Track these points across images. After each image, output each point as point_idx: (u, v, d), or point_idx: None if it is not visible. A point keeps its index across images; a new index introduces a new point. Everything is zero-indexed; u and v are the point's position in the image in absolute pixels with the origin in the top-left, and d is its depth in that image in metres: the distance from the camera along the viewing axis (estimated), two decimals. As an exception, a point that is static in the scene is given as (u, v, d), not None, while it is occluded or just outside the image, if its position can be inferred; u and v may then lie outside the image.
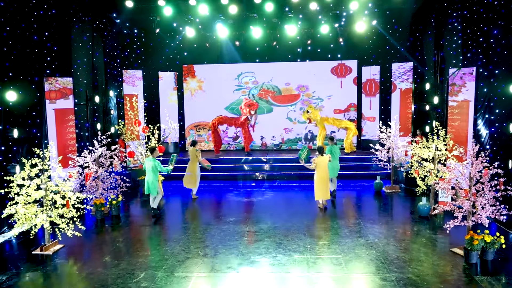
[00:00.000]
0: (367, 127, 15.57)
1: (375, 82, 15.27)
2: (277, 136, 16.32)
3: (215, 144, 15.32)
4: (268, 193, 12.28)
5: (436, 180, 9.45)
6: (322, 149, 10.43)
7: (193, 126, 16.53)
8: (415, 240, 8.06)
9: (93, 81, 13.23)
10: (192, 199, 11.60)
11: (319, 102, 16.07)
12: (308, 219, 9.48)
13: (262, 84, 16.26)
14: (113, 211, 10.09)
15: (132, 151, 12.31)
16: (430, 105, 13.48)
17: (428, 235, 8.38)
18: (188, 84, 16.38)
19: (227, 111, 16.31)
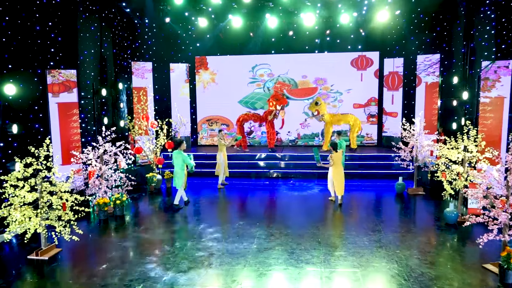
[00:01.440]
0: (389, 123, 14.67)
1: (398, 75, 14.33)
2: (293, 131, 15.58)
3: (242, 140, 14.70)
4: (282, 193, 11.61)
5: (466, 184, 8.61)
6: (335, 145, 10.03)
7: (206, 120, 15.92)
8: (442, 253, 7.27)
9: (101, 73, 12.69)
10: (218, 188, 11.83)
11: (338, 96, 15.23)
12: (323, 224, 8.78)
13: (277, 76, 15.50)
14: (117, 211, 9.58)
15: (139, 147, 11.77)
16: (458, 101, 12.50)
17: (456, 246, 7.59)
18: (200, 76, 15.75)
19: (241, 105, 15.64)
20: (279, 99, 14.09)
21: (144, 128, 12.27)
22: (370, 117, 15.14)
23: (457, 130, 12.29)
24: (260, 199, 10.99)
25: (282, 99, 14.17)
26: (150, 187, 11.80)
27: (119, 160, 9.90)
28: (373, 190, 11.91)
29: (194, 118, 15.88)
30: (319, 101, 14.12)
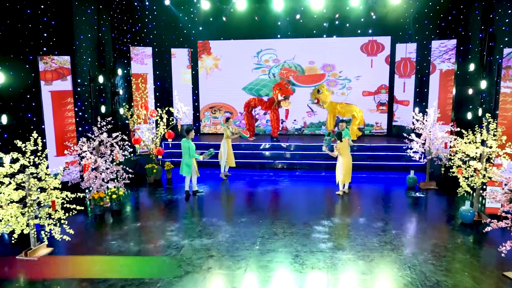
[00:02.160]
0: (400, 111, 14.01)
1: (411, 62, 13.61)
2: (299, 119, 14.98)
3: (248, 128, 14.15)
4: (287, 185, 11.11)
5: (484, 181, 8.04)
6: (340, 134, 9.78)
7: (209, 107, 15.35)
8: (459, 257, 6.75)
9: (98, 59, 12.13)
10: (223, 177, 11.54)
11: (347, 83, 14.56)
12: (330, 222, 8.27)
13: (283, 62, 14.83)
14: (113, 205, 9.14)
15: (138, 137, 11.27)
16: (474, 89, 11.80)
17: (473, 250, 7.05)
18: (203, 62, 15.12)
19: (245, 92, 15.03)
20: (282, 88, 13.42)
21: (143, 117, 11.73)
22: (380, 105, 14.48)
23: (472, 121, 11.67)
24: (263, 192, 10.49)
25: (285, 89, 13.43)
26: (149, 178, 11.34)
27: (115, 152, 9.40)
28: (382, 183, 11.36)
29: (196, 106, 15.31)
30: (321, 89, 13.50)
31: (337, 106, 13.73)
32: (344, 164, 9.77)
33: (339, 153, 9.78)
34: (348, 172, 9.89)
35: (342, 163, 9.78)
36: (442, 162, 10.43)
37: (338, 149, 9.73)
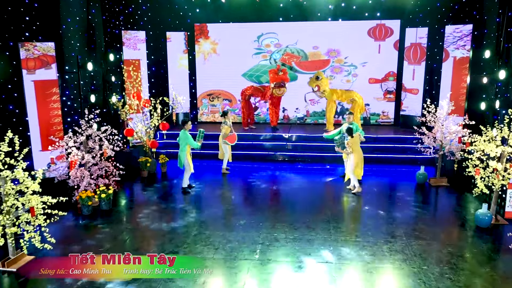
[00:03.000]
0: (408, 100, 13.25)
1: (421, 47, 12.77)
2: (302, 108, 14.25)
3: (243, 116, 13.42)
4: (289, 180, 10.48)
5: (504, 183, 7.39)
6: (351, 130, 9.06)
7: (206, 94, 14.60)
8: (479, 271, 6.13)
9: (88, 44, 11.33)
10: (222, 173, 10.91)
11: (352, 70, 13.76)
12: (335, 226, 7.64)
13: (285, 47, 14.00)
14: (103, 205, 8.51)
15: (131, 129, 10.57)
16: (489, 78, 11.03)
17: (493, 262, 6.44)
18: (200, 46, 14.29)
19: (245, 78, 14.25)
20: (273, 75, 12.50)
21: (135, 108, 10.99)
22: (387, 93, 13.72)
23: (485, 111, 10.94)
24: (264, 189, 9.86)
25: (275, 76, 12.48)
26: (143, 172, 10.70)
27: (104, 148, 8.73)
28: (390, 178, 10.73)
29: (193, 93, 14.56)
30: (320, 76, 12.66)
31: (337, 92, 12.93)
32: (355, 161, 9.09)
33: (353, 151, 9.09)
34: (360, 169, 9.25)
35: (353, 161, 9.09)
36: (455, 157, 9.75)
37: (350, 145, 9.02)
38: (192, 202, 9.12)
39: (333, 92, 12.84)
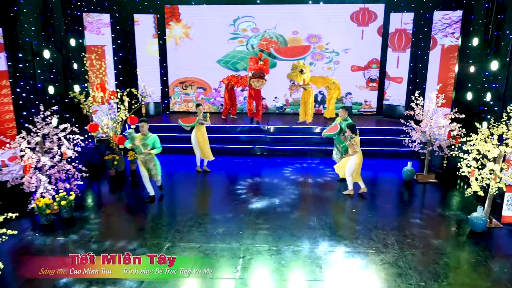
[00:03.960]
0: (392, 89, 12.68)
1: (406, 34, 12.13)
2: (281, 97, 13.49)
3: (225, 106, 12.57)
4: (269, 177, 9.78)
5: (501, 186, 6.91)
6: (354, 126, 8.27)
7: (179, 82, 13.61)
8: (480, 285, 5.65)
9: (44, 28, 10.15)
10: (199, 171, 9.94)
11: (334, 57, 13.04)
12: (323, 232, 7.02)
13: (263, 32, 13.11)
14: (63, 213, 7.60)
15: (95, 124, 9.58)
16: (476, 67, 10.54)
17: (494, 275, 5.96)
18: (171, 30, 13.21)
19: (220, 65, 13.33)
20: (253, 64, 11.51)
21: (99, 101, 9.94)
22: (370, 81, 13.11)
23: (471, 102, 10.48)
24: (242, 188, 9.13)
25: (254, 64, 11.47)
26: (111, 171, 9.77)
27: (63, 149, 7.76)
28: (374, 174, 10.18)
29: (165, 80, 13.54)
30: (304, 68, 11.76)
31: (312, 79, 12.29)
32: (358, 162, 8.29)
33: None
34: (359, 170, 8.49)
35: (355, 162, 8.25)
36: (443, 153, 9.27)
37: (355, 144, 8.11)
38: (164, 206, 8.31)
39: (313, 82, 12.17)
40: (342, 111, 9.17)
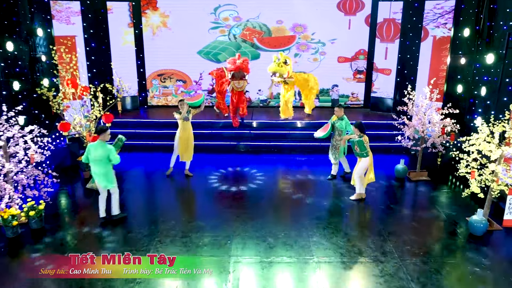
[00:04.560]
0: (380, 81, 12.27)
1: (395, 24, 11.68)
2: (265, 89, 12.91)
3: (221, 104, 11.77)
4: (253, 176, 9.26)
5: (503, 189, 6.58)
6: (362, 125, 7.73)
7: (157, 75, 12.85)
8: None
9: (7, 16, 9.25)
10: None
11: (320, 47, 12.51)
12: (318, 240, 6.54)
13: (246, 21, 12.44)
14: (32, 223, 6.90)
15: (66, 123, 8.80)
16: (467, 59, 10.20)
17: (497, 281, 5.64)
18: (148, 19, 12.40)
19: (201, 56, 12.63)
20: (232, 65, 10.56)
21: (70, 98, 9.13)
22: (357, 73, 12.65)
23: (460, 94, 10.16)
24: (227, 190, 8.58)
25: (233, 65, 10.52)
26: (85, 173, 9.05)
27: (31, 153, 7.01)
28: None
29: (142, 72, 12.75)
30: (288, 60, 10.91)
31: (296, 76, 11.40)
32: (369, 163, 7.79)
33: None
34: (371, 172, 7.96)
35: (367, 163, 7.75)
36: (438, 150, 8.93)
37: (367, 142, 7.57)
38: (145, 212, 7.68)
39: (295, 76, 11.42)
40: (338, 109, 8.58)
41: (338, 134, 8.55)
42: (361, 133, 7.58)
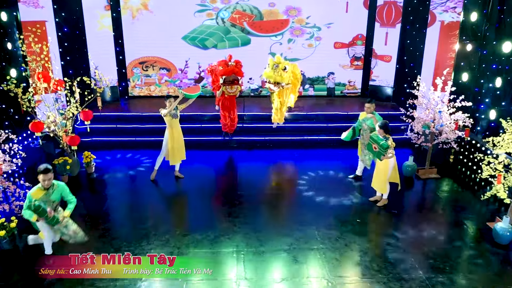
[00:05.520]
0: (379, 68, 11.53)
1: (397, 7, 10.87)
2: (256, 78, 12.01)
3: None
4: (244, 177, 8.58)
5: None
6: (387, 125, 6.88)
7: (138, 62, 11.74)
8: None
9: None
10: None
11: (315, 32, 11.62)
12: (331, 255, 5.86)
13: (235, 3, 11.39)
14: (3, 244, 5.97)
15: (38, 122, 7.74)
16: (474, 45, 9.53)
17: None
18: (127, 1, 11.19)
19: (187, 42, 11.57)
20: (223, 68, 9.07)
21: (43, 93, 8.01)
22: (354, 59, 11.86)
23: (466, 83, 9.52)
24: (220, 195, 7.80)
25: (225, 68, 9.04)
26: (63, 178, 8.06)
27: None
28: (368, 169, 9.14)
29: (121, 60, 11.62)
30: (287, 65, 9.21)
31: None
32: (394, 164, 7.04)
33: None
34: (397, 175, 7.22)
35: (392, 164, 6.98)
36: (451, 146, 8.31)
37: (393, 144, 6.77)
38: (131, 223, 6.82)
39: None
40: (369, 105, 7.54)
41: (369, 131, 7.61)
42: (386, 135, 6.82)
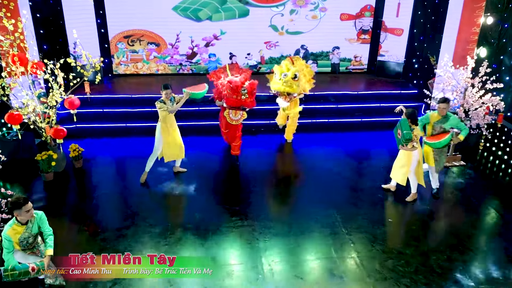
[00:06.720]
0: (389, 43, 10.66)
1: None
2: (255, 53, 10.96)
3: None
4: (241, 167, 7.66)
5: None
6: (415, 114, 6.11)
7: (123, 36, 10.46)
8: None
9: None
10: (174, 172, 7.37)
11: (320, 2, 10.57)
12: (367, 268, 5.18)
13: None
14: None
15: (16, 113, 6.59)
16: (496, 18, 8.76)
17: None
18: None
19: (177, 14, 10.33)
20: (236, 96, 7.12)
21: (19, 79, 6.77)
22: (361, 33, 10.93)
23: (482, 59, 8.80)
24: (217, 186, 6.99)
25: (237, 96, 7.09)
26: (46, 176, 7.00)
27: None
28: (376, 152, 8.46)
29: (104, 33, 10.32)
30: (297, 73, 7.78)
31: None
32: (420, 157, 6.33)
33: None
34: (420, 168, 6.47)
35: (417, 157, 6.28)
36: (481, 132, 7.67)
37: (417, 137, 6.07)
38: (125, 222, 5.92)
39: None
40: (444, 105, 6.26)
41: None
42: (412, 125, 6.04)
